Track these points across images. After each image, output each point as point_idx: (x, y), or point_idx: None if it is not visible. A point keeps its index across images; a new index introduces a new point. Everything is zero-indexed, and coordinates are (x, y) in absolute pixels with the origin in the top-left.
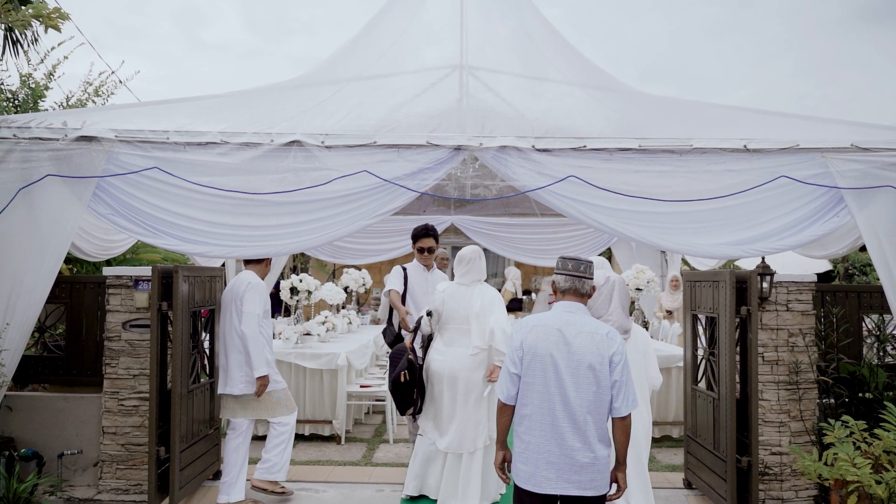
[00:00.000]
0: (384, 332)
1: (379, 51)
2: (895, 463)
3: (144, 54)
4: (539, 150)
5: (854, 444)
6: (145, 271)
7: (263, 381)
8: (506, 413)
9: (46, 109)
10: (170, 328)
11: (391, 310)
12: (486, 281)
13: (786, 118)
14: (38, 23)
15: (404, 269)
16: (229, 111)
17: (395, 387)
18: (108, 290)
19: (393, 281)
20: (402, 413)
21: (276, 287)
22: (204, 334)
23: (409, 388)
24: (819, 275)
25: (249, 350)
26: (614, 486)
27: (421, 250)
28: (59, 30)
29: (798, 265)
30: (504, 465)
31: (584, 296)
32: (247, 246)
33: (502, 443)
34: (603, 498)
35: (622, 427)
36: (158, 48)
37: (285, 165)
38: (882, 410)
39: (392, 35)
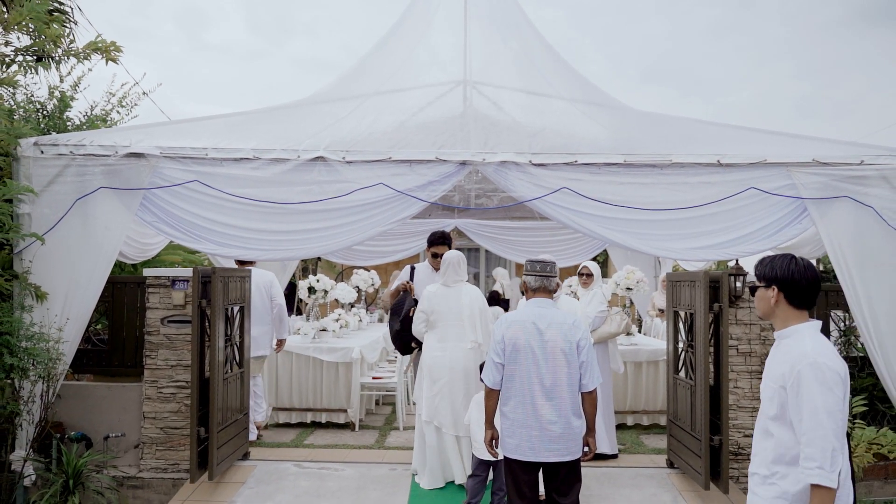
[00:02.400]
0: (391, 323)
1: (389, 70)
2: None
3: (147, 56)
4: (535, 164)
5: None
6: (182, 272)
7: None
8: (492, 397)
9: (72, 119)
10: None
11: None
12: (471, 282)
13: (756, 133)
14: (99, 55)
15: (413, 269)
16: (258, 126)
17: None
18: (148, 289)
19: (396, 281)
20: (406, 352)
21: (288, 288)
22: (235, 329)
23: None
24: None
25: (284, 318)
26: (586, 448)
27: (435, 255)
28: (116, 62)
29: None
30: (492, 442)
31: (551, 292)
32: (277, 249)
33: (490, 423)
34: (577, 461)
35: (590, 400)
36: (160, 50)
37: (311, 178)
38: None
39: (401, 55)
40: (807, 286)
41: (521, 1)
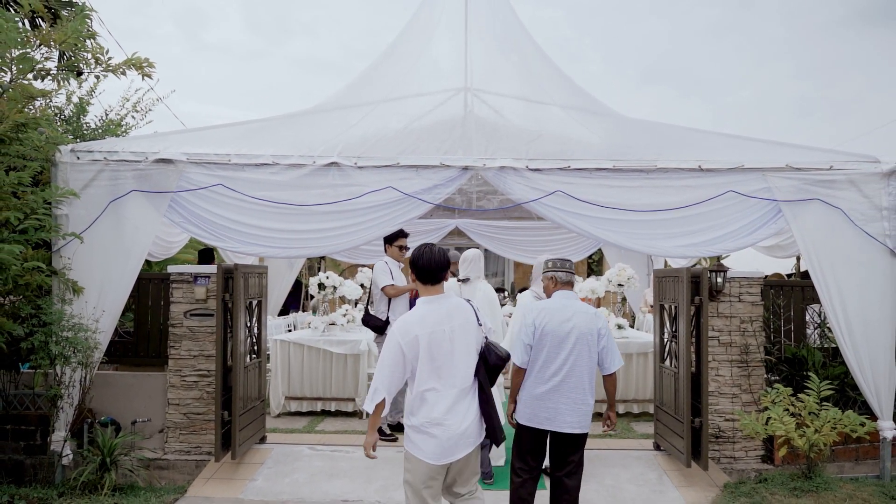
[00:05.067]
0: (365, 319)
1: (394, 79)
2: (815, 422)
3: (146, 55)
4: (532, 169)
5: (785, 408)
6: (204, 268)
7: None
8: (520, 374)
9: (88, 123)
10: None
11: (369, 296)
12: (486, 279)
13: (735, 139)
14: (134, 70)
15: (387, 263)
16: (275, 132)
17: None
18: (172, 285)
19: (384, 277)
20: None
21: (294, 285)
22: (254, 321)
23: None
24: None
25: None
26: (609, 421)
27: (401, 248)
28: (150, 77)
29: (779, 265)
30: (512, 414)
31: (573, 285)
32: (295, 247)
33: (514, 396)
34: (583, 447)
35: (611, 381)
36: (160, 49)
37: (325, 182)
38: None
39: (405, 65)
40: (421, 266)
41: (519, 2)
